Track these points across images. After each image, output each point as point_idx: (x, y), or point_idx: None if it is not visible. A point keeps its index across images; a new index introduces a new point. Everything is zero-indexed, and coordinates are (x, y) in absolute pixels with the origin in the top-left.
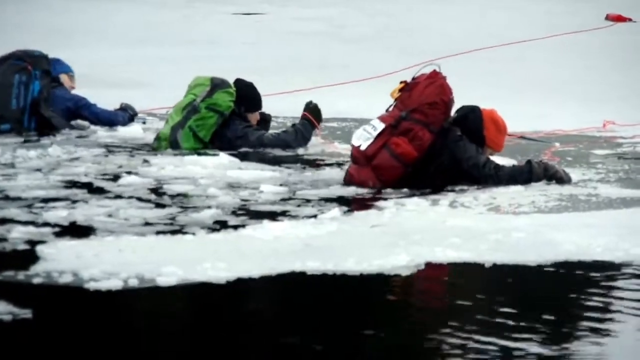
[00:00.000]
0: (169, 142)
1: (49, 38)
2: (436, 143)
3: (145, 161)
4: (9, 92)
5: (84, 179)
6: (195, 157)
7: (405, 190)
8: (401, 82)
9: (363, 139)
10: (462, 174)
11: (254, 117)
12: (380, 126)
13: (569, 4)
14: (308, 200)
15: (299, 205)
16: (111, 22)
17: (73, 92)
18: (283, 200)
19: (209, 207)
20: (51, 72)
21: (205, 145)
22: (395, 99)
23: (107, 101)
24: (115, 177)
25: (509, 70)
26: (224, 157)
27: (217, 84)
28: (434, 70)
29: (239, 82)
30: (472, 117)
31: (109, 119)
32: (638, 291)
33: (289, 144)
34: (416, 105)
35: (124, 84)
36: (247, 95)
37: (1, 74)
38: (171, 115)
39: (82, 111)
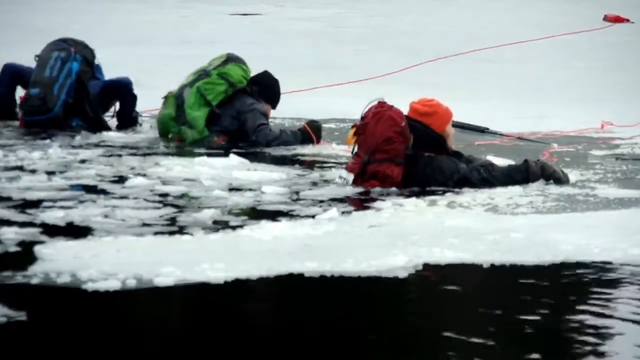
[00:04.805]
0: (174, 97)
1: (45, 38)
2: (409, 172)
3: (157, 163)
4: (45, 63)
5: (94, 181)
6: (204, 158)
7: (403, 190)
8: (352, 127)
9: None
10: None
11: (268, 109)
12: (350, 177)
13: (567, 4)
14: (307, 201)
15: (297, 206)
16: (107, 22)
17: None
18: (282, 200)
19: (209, 207)
20: (93, 65)
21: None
22: (354, 145)
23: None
24: (123, 179)
25: (507, 71)
26: (233, 159)
27: (231, 58)
28: (379, 103)
29: (268, 74)
30: (419, 126)
31: (132, 117)
32: (636, 291)
33: (291, 143)
34: (374, 147)
35: None
36: (270, 87)
37: (44, 50)
38: (182, 81)
39: (123, 90)
